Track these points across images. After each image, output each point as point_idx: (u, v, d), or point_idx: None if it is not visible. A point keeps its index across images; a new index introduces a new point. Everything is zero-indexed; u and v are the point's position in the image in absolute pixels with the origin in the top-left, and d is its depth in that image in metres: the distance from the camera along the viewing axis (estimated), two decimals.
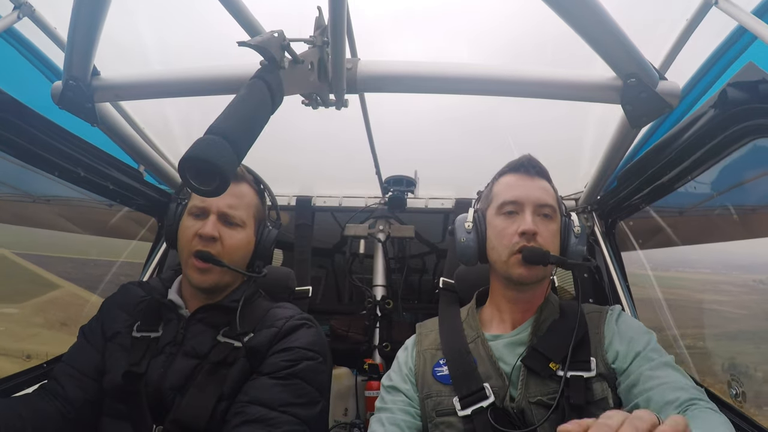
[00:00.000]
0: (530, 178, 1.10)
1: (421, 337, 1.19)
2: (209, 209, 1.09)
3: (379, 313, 1.91)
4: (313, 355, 1.06)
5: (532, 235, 1.02)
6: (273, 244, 1.19)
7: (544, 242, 1.03)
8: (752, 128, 0.95)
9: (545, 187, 1.10)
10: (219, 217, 1.09)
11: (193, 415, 0.95)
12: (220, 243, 1.08)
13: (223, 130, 0.58)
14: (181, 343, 1.07)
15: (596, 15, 0.78)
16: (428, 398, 1.04)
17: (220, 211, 1.09)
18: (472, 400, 0.97)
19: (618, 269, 1.71)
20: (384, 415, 1.05)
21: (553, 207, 1.08)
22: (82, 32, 0.91)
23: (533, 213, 1.05)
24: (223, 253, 1.08)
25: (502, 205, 1.09)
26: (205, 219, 1.09)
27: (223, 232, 1.09)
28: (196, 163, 0.42)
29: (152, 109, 1.62)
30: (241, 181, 1.15)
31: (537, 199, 1.06)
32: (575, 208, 1.88)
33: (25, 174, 1.31)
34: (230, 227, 1.11)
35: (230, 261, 1.09)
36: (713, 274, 1.93)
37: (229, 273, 1.11)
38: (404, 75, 1.00)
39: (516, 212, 1.07)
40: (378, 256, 2.05)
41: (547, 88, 0.99)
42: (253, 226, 1.16)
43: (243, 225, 1.13)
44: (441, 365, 1.07)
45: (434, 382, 1.06)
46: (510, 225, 1.06)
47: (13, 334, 2.58)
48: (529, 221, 1.03)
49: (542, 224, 1.05)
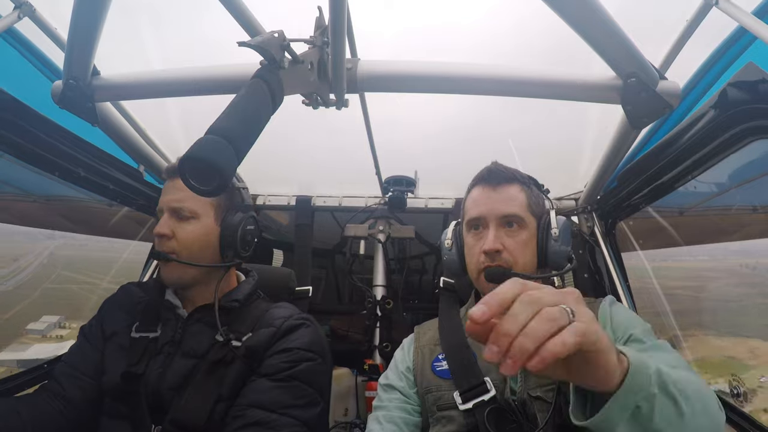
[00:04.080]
0: (493, 188, 1.07)
1: (419, 335, 1.19)
2: (162, 208, 1.10)
3: (379, 314, 1.91)
4: (312, 355, 1.06)
5: (494, 253, 1.00)
6: (241, 229, 1.12)
7: (510, 256, 1.01)
8: (752, 128, 0.95)
9: (511, 195, 1.06)
10: (171, 213, 1.09)
11: (191, 415, 0.95)
12: (174, 239, 1.08)
13: (223, 130, 0.58)
14: (180, 343, 1.07)
15: (596, 15, 0.78)
16: (428, 393, 1.04)
17: (170, 207, 1.09)
18: (472, 394, 0.97)
19: (618, 269, 1.71)
20: (381, 413, 1.05)
21: (519, 216, 1.04)
22: (82, 32, 0.91)
23: (498, 227, 1.03)
24: (178, 248, 1.07)
25: (468, 222, 1.09)
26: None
27: (176, 228, 1.08)
28: (195, 163, 0.42)
29: (152, 109, 1.61)
30: None
31: (500, 211, 1.04)
32: (575, 208, 1.88)
33: (25, 174, 1.31)
34: (183, 221, 1.09)
35: (188, 255, 1.07)
36: (697, 262, 1.90)
37: (192, 267, 1.08)
38: (404, 75, 1.00)
39: (481, 228, 1.06)
40: (378, 257, 2.05)
41: (547, 88, 0.99)
42: (212, 215, 1.12)
43: (196, 216, 1.10)
44: (440, 360, 1.07)
45: (434, 377, 1.06)
46: (476, 243, 1.05)
47: None
48: (491, 239, 1.01)
49: (508, 237, 1.03)
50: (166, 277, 1.09)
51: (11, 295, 2.02)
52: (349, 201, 2.11)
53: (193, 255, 1.08)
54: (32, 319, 2.43)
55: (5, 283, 1.98)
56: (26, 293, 2.09)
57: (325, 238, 2.43)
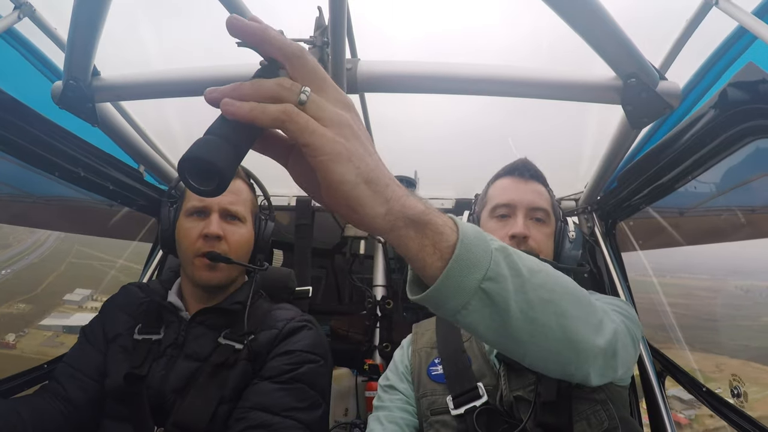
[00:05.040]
0: (524, 181, 1.10)
1: (416, 336, 1.19)
2: (210, 208, 1.09)
3: (379, 314, 1.91)
4: (314, 357, 1.06)
5: (522, 238, 1.02)
6: (270, 237, 1.21)
7: (536, 245, 1.03)
8: (752, 129, 0.95)
9: (539, 190, 1.10)
10: (221, 214, 1.10)
11: (194, 417, 0.95)
12: (225, 241, 1.08)
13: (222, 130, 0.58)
14: (182, 345, 1.07)
15: (596, 15, 0.78)
16: (423, 397, 1.05)
17: (222, 208, 1.10)
18: (464, 400, 0.97)
19: (618, 269, 1.71)
20: (382, 413, 1.05)
21: (547, 211, 1.08)
22: (82, 32, 0.91)
23: (525, 216, 1.05)
24: (229, 251, 1.09)
25: (494, 208, 1.09)
26: (206, 218, 1.09)
27: (227, 230, 1.09)
28: (194, 163, 0.42)
29: (152, 109, 1.61)
30: (235, 178, 1.15)
31: (530, 202, 1.06)
32: (575, 208, 1.87)
33: (25, 174, 1.31)
34: (232, 224, 1.11)
35: (236, 257, 1.10)
36: (691, 279, 1.94)
37: (235, 269, 1.12)
38: (404, 75, 1.00)
39: (508, 215, 1.07)
40: (378, 257, 2.05)
41: (547, 88, 0.99)
42: (251, 220, 1.17)
43: (244, 220, 1.14)
44: (436, 364, 1.07)
45: (429, 381, 1.06)
46: (501, 228, 1.06)
47: None
48: (521, 224, 1.03)
49: (534, 228, 1.05)
50: (210, 278, 1.08)
51: (39, 267, 2.04)
52: None
53: (239, 258, 1.11)
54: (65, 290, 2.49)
55: (30, 255, 2.00)
56: (53, 266, 2.12)
57: (325, 238, 2.43)
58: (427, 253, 0.46)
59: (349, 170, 0.41)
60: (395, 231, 0.45)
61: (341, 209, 0.44)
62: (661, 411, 1.42)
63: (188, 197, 1.13)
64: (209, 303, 1.12)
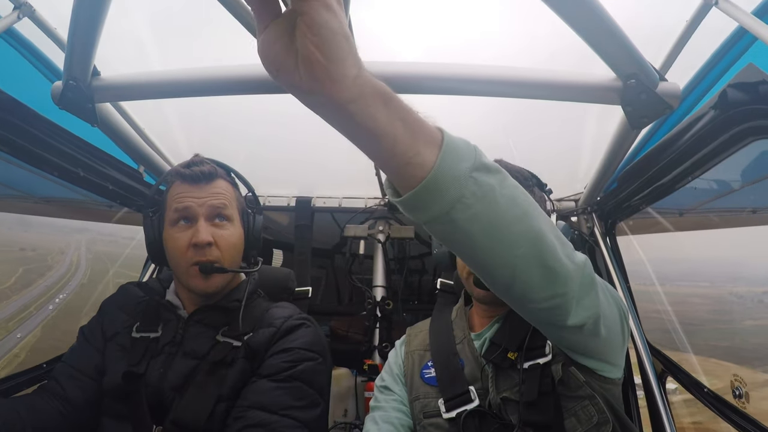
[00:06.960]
0: None
1: (410, 338, 1.19)
2: (195, 214, 1.06)
3: (378, 314, 1.91)
4: (312, 355, 1.05)
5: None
6: (261, 230, 1.18)
7: None
8: (752, 129, 0.95)
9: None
10: (207, 218, 1.07)
11: (192, 415, 0.95)
12: (216, 247, 1.06)
13: None
14: (181, 343, 1.07)
15: (596, 15, 0.77)
16: (416, 400, 1.05)
17: (208, 211, 1.07)
18: (456, 403, 0.98)
19: (618, 270, 1.71)
20: (378, 413, 1.06)
21: None
22: (82, 32, 0.91)
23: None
24: (221, 256, 1.07)
25: None
26: (193, 225, 1.06)
27: (216, 234, 1.06)
28: None
29: (152, 109, 1.61)
30: (216, 178, 1.11)
31: None
32: (575, 208, 1.87)
33: (24, 174, 1.31)
34: (221, 226, 1.08)
35: (230, 261, 1.08)
36: (692, 287, 1.95)
37: (229, 273, 1.10)
38: (404, 75, 1.00)
39: None
40: (378, 257, 2.05)
41: (547, 89, 0.98)
42: (239, 218, 1.15)
43: (231, 219, 1.11)
44: (429, 367, 1.08)
45: (422, 384, 1.06)
46: None
47: None
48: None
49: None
50: (206, 286, 1.05)
51: (87, 288, 2.04)
52: (349, 202, 2.11)
53: (232, 260, 1.09)
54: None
55: (75, 275, 2.00)
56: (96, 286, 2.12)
57: (324, 239, 2.43)
58: (398, 130, 0.45)
59: (335, 18, 0.42)
60: (363, 99, 0.44)
61: (313, 55, 0.42)
62: (661, 411, 1.42)
63: (169, 204, 1.08)
64: (207, 302, 1.12)
